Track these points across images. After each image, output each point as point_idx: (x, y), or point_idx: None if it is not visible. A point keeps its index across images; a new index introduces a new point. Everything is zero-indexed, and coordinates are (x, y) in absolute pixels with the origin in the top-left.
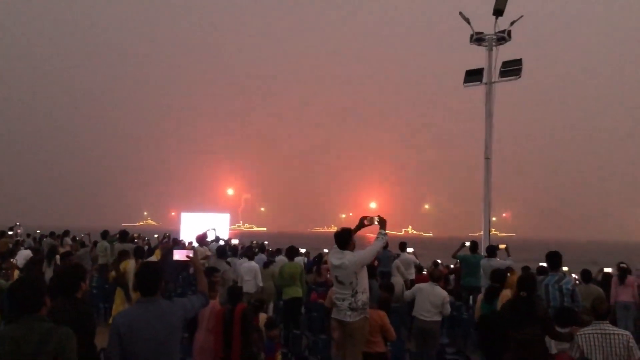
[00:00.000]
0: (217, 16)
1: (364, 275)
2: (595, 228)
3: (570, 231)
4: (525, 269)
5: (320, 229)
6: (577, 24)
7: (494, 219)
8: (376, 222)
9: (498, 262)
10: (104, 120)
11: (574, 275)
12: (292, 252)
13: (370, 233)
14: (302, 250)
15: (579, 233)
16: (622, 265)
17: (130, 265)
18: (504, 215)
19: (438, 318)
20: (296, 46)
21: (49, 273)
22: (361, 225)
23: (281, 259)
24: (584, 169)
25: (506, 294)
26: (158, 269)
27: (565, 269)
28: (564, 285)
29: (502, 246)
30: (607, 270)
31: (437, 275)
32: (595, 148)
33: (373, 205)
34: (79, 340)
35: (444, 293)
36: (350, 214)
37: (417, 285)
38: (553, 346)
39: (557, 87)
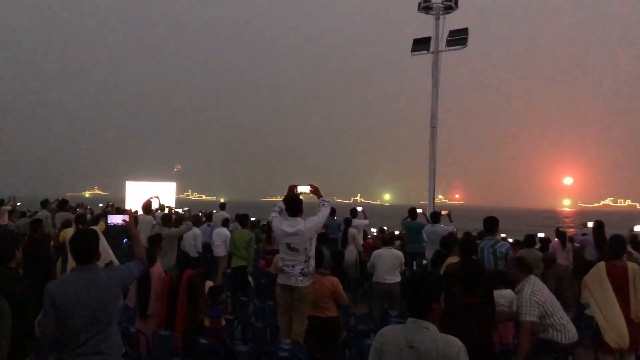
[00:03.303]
0: None
1: (314, 241)
2: (539, 197)
3: (516, 200)
4: (467, 234)
5: (273, 198)
6: None
7: (440, 196)
8: (308, 192)
9: (442, 228)
10: (57, 89)
11: (510, 240)
12: (225, 223)
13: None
14: (252, 219)
15: (526, 201)
16: (561, 229)
17: (69, 234)
18: (456, 196)
19: (399, 279)
20: (253, 21)
21: None
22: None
23: (234, 226)
24: (530, 140)
25: (451, 259)
26: (93, 236)
27: (503, 235)
28: (498, 249)
29: (444, 212)
30: (541, 235)
31: (388, 239)
32: (540, 118)
33: (303, 189)
34: (12, 311)
35: (400, 252)
36: (308, 186)
37: (374, 253)
38: None
39: (502, 58)
